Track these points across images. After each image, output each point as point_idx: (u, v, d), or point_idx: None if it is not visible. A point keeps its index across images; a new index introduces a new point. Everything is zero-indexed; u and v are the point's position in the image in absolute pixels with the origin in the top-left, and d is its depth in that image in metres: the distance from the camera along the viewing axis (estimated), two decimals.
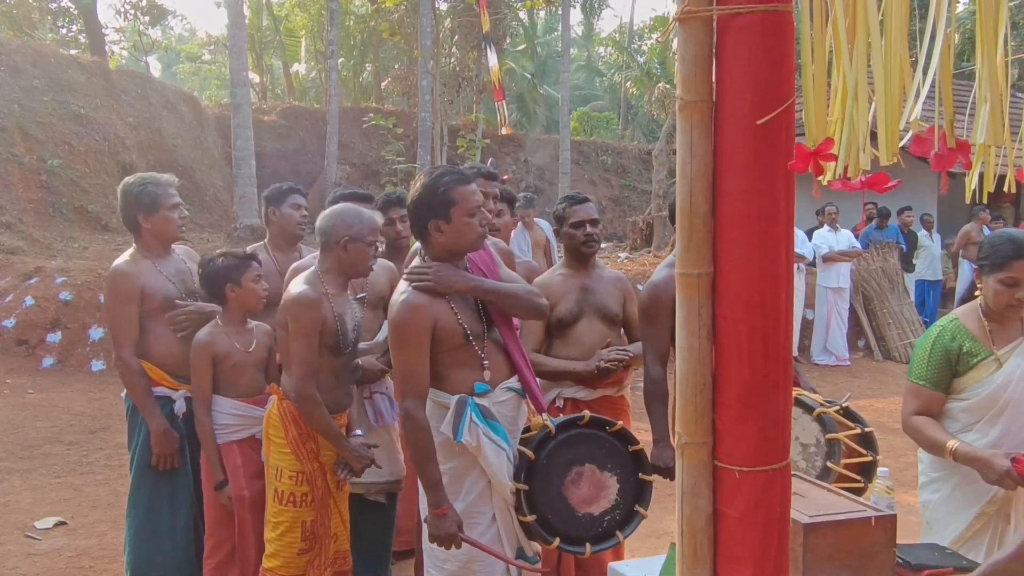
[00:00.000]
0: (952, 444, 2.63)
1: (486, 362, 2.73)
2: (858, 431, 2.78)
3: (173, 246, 3.59)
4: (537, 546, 2.81)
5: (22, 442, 6.40)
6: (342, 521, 3.24)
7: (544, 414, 2.83)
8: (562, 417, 2.85)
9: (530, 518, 2.65)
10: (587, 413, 2.80)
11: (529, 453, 2.67)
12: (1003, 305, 2.67)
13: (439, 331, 2.64)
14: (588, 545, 2.69)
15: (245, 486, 3.29)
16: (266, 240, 3.97)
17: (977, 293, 2.80)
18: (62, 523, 4.85)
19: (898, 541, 2.13)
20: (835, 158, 1.21)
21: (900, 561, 2.18)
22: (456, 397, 2.67)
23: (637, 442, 2.79)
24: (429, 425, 2.64)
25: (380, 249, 3.18)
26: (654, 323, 3.21)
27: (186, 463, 3.43)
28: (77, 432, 6.71)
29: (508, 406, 2.78)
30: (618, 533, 2.73)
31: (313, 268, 3.15)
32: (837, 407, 2.89)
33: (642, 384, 3.28)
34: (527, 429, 2.84)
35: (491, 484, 2.71)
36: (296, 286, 3.06)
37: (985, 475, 2.54)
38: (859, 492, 2.60)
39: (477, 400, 2.68)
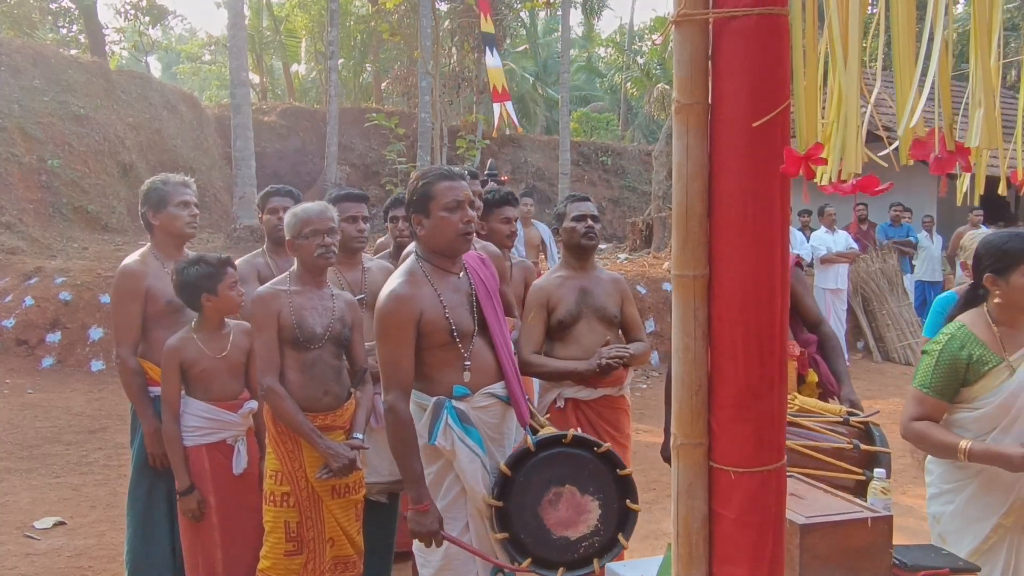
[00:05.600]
0: (965, 444, 2.54)
1: (468, 363, 2.69)
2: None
3: (187, 250, 3.63)
4: None
5: (21, 442, 6.41)
6: (340, 527, 3.21)
7: (527, 429, 2.76)
8: (545, 433, 2.72)
9: (500, 536, 2.56)
10: (571, 431, 2.64)
11: (505, 470, 2.58)
12: None
13: (424, 324, 2.62)
14: (561, 570, 2.56)
15: (212, 491, 3.27)
16: (265, 245, 3.98)
17: (997, 299, 2.67)
18: (61, 523, 4.85)
19: (895, 542, 2.14)
20: (825, 162, 1.22)
21: (896, 562, 2.18)
22: (435, 399, 2.66)
23: (625, 466, 2.63)
24: (412, 419, 2.63)
25: (330, 239, 3.15)
26: None
27: None
28: (76, 432, 6.72)
29: (491, 413, 2.72)
30: (595, 561, 2.57)
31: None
32: (859, 418, 2.88)
33: (643, 385, 3.30)
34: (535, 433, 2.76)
35: (466, 491, 2.67)
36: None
37: (1009, 467, 2.47)
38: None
39: (455, 403, 2.65)
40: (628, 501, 2.60)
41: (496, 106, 14.64)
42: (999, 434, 2.59)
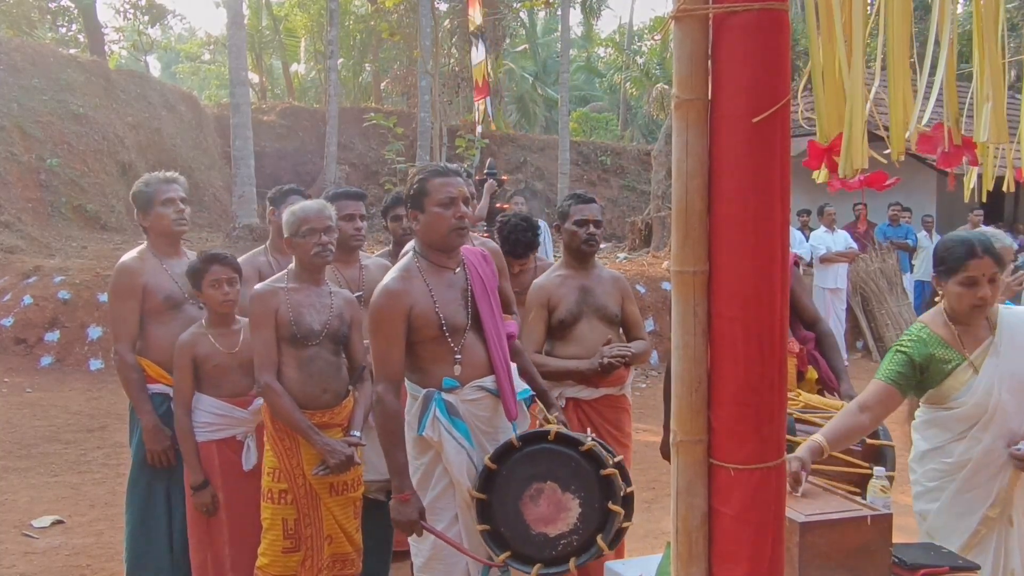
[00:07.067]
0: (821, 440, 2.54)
1: (458, 356, 2.75)
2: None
3: (185, 248, 3.65)
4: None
5: (20, 441, 6.41)
6: (339, 524, 3.21)
7: (513, 426, 2.78)
8: (549, 428, 2.71)
9: (481, 527, 2.59)
10: (554, 428, 2.63)
11: (489, 463, 2.60)
12: (967, 307, 2.63)
13: (414, 318, 2.69)
14: (537, 566, 2.55)
15: (220, 487, 3.29)
16: (268, 242, 3.97)
17: (938, 299, 2.76)
18: (59, 522, 4.85)
19: (894, 540, 2.14)
20: None
21: (896, 560, 2.18)
22: (424, 391, 2.73)
23: (608, 465, 2.56)
24: (400, 411, 2.72)
25: (327, 238, 3.16)
26: None
27: (181, 460, 3.44)
28: (75, 431, 6.72)
29: (481, 406, 2.78)
30: (572, 560, 2.54)
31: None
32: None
33: (642, 385, 3.31)
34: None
35: (453, 483, 2.71)
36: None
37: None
38: None
39: (444, 396, 2.71)
40: (610, 502, 2.54)
41: (477, 102, 14.65)
42: (978, 431, 2.64)
